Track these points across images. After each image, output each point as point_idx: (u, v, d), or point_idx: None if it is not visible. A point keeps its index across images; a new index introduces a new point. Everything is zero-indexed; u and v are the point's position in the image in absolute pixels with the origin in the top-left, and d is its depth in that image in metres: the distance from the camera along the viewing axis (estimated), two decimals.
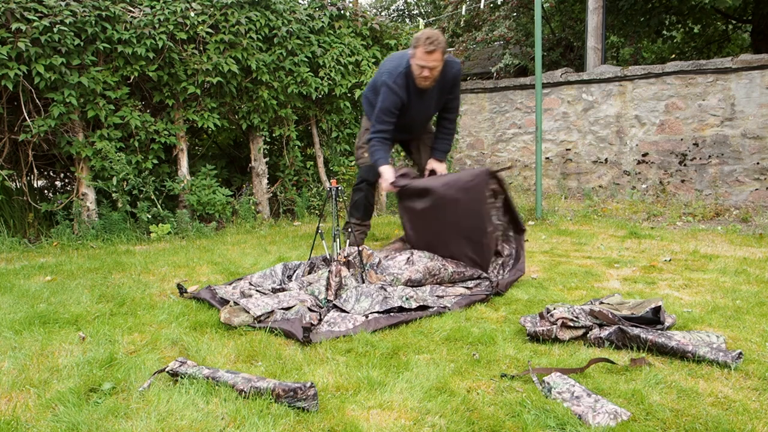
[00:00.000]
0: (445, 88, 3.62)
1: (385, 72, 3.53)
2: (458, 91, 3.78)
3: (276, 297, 2.59)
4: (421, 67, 3.36)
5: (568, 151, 8.47)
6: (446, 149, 3.85)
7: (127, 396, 1.77)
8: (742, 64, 6.83)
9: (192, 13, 4.60)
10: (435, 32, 3.33)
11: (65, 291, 2.91)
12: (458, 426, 1.62)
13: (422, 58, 3.33)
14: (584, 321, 2.29)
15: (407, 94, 3.51)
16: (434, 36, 3.31)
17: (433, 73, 3.39)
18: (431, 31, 3.34)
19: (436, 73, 3.41)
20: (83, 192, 4.42)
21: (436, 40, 3.30)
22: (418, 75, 3.41)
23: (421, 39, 3.32)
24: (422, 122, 3.85)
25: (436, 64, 3.36)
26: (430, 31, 3.35)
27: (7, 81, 3.86)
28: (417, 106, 3.61)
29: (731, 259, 3.82)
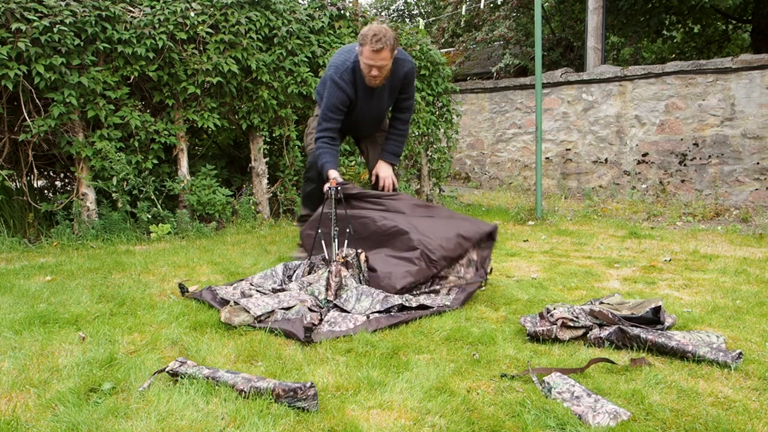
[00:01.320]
0: (395, 87, 3.44)
1: (332, 66, 3.33)
2: (412, 90, 3.56)
3: (276, 297, 2.59)
4: (369, 66, 3.18)
5: (568, 151, 8.47)
6: (396, 151, 3.62)
7: (127, 396, 1.77)
8: (742, 64, 6.83)
9: (192, 13, 4.60)
10: (382, 28, 3.12)
11: (65, 291, 2.91)
12: (458, 426, 1.62)
13: (369, 57, 3.15)
14: (584, 321, 2.30)
15: (354, 90, 3.32)
16: (381, 32, 3.09)
17: (382, 72, 3.21)
18: (378, 27, 3.13)
19: (386, 71, 3.23)
20: (83, 192, 4.42)
21: (383, 37, 3.09)
22: (367, 74, 3.23)
23: (367, 36, 3.11)
24: (372, 121, 3.65)
25: (384, 63, 3.17)
26: (377, 27, 3.14)
27: (7, 81, 3.86)
28: (365, 104, 3.43)
29: (731, 259, 3.82)
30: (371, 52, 3.12)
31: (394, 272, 2.82)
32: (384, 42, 3.08)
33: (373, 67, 3.18)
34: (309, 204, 3.75)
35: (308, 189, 3.73)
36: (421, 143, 6.92)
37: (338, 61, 3.35)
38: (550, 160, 8.66)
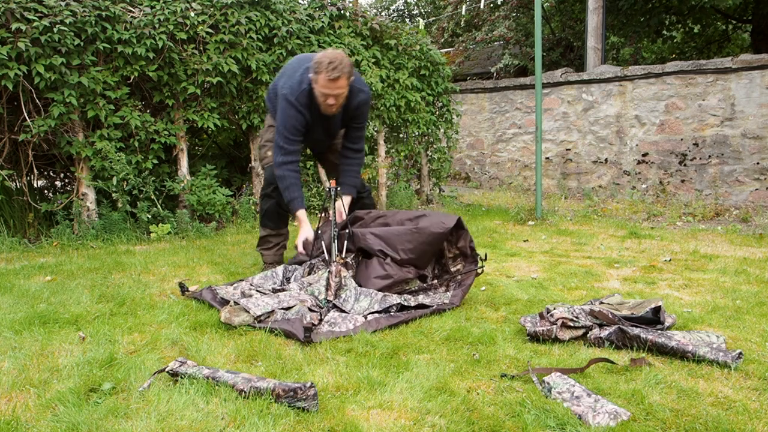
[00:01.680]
0: (348, 114, 3.29)
1: (287, 87, 3.14)
2: (364, 120, 3.39)
3: (276, 297, 2.59)
4: (325, 95, 3.02)
5: (568, 151, 8.47)
6: (355, 184, 3.42)
7: (127, 396, 1.77)
8: (742, 64, 6.83)
9: (192, 13, 4.60)
10: (338, 56, 2.96)
11: (65, 291, 2.91)
12: (458, 426, 1.62)
13: (325, 86, 2.98)
14: (584, 321, 2.30)
15: (310, 114, 3.16)
16: (337, 60, 2.93)
17: (338, 100, 3.07)
18: (334, 55, 2.97)
19: (342, 99, 3.09)
20: (83, 192, 4.42)
21: (339, 65, 2.93)
22: (323, 102, 3.07)
23: (323, 64, 2.94)
24: (328, 140, 3.50)
25: (340, 91, 3.02)
26: (332, 54, 2.97)
27: (7, 81, 3.86)
28: (320, 126, 3.29)
29: (731, 259, 3.82)
30: (327, 81, 2.95)
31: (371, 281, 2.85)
32: (340, 70, 2.93)
33: (329, 96, 3.02)
34: (269, 223, 3.45)
35: (266, 206, 3.43)
36: (421, 143, 6.93)
37: (293, 82, 3.13)
38: (550, 160, 8.66)
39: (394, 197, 6.35)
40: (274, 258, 3.45)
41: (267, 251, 3.47)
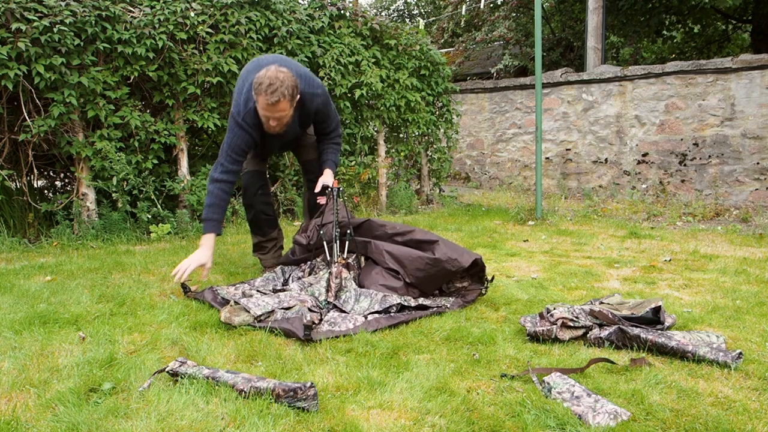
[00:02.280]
0: (306, 117, 3.11)
1: (234, 105, 2.98)
2: (330, 116, 3.20)
3: (276, 297, 2.60)
4: (266, 117, 2.83)
5: (568, 151, 8.47)
6: (336, 160, 3.28)
7: (127, 396, 1.77)
8: (742, 64, 6.83)
9: (192, 13, 4.60)
10: (279, 75, 2.71)
11: (65, 291, 2.91)
12: (458, 426, 1.62)
13: (265, 108, 2.78)
14: (584, 321, 2.30)
15: (261, 131, 2.97)
16: (277, 82, 2.69)
17: (281, 122, 2.87)
18: (274, 74, 2.71)
19: (287, 119, 2.88)
20: (83, 192, 4.42)
21: (279, 87, 2.69)
22: (265, 123, 2.88)
23: (262, 86, 2.71)
24: (290, 142, 3.32)
25: (281, 114, 2.81)
26: (273, 74, 2.71)
27: (7, 81, 3.86)
28: (275, 138, 3.10)
29: (731, 259, 3.82)
30: (267, 104, 2.74)
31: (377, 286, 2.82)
32: (280, 93, 2.70)
33: (270, 118, 2.83)
34: (257, 230, 3.36)
35: (250, 216, 3.34)
36: (421, 143, 6.92)
37: (240, 100, 2.94)
38: (550, 160, 8.66)
39: (394, 197, 6.35)
40: (273, 261, 3.37)
41: (264, 255, 3.40)
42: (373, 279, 2.85)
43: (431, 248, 2.86)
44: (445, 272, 2.78)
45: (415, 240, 2.95)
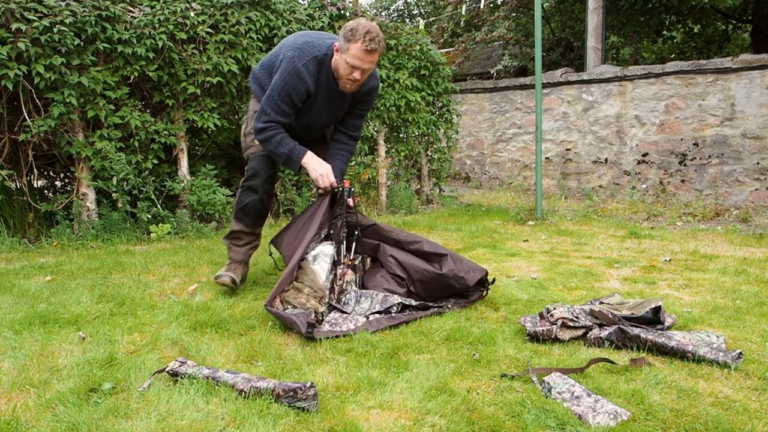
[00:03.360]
0: (356, 98, 2.96)
1: (293, 48, 2.69)
2: (368, 109, 3.08)
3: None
4: (353, 68, 2.65)
5: (568, 151, 8.47)
6: (343, 170, 3.06)
7: (127, 396, 1.77)
8: (742, 64, 6.83)
9: (192, 13, 4.60)
10: (375, 27, 2.62)
11: (65, 291, 2.91)
12: (458, 426, 1.62)
13: (359, 57, 2.61)
14: (584, 321, 2.30)
15: (316, 87, 2.75)
16: (376, 32, 2.59)
17: (363, 77, 2.72)
18: (371, 25, 2.61)
19: (366, 77, 2.75)
20: (83, 192, 4.42)
21: (378, 36, 2.59)
22: (346, 76, 2.69)
23: (358, 32, 2.57)
24: (320, 129, 3.14)
25: (371, 66, 2.69)
26: (369, 25, 2.60)
27: (7, 81, 3.86)
28: (324, 107, 2.89)
29: (731, 259, 3.82)
30: (363, 52, 2.60)
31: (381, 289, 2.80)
32: (378, 42, 2.60)
33: (357, 69, 2.66)
34: (245, 219, 3.02)
35: (248, 200, 2.97)
36: (421, 143, 6.92)
37: (302, 43, 2.70)
38: (550, 160, 8.66)
39: (394, 197, 6.35)
40: (243, 257, 3.04)
41: (237, 247, 3.04)
42: (377, 282, 2.83)
43: (439, 262, 2.81)
44: (450, 288, 2.77)
45: (423, 251, 2.90)
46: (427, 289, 2.78)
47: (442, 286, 2.77)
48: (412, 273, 2.81)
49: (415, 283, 2.79)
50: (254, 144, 2.97)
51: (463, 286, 2.74)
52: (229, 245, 3.08)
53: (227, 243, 3.08)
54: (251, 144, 3.01)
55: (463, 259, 2.84)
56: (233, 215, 3.06)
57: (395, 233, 3.00)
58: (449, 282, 2.74)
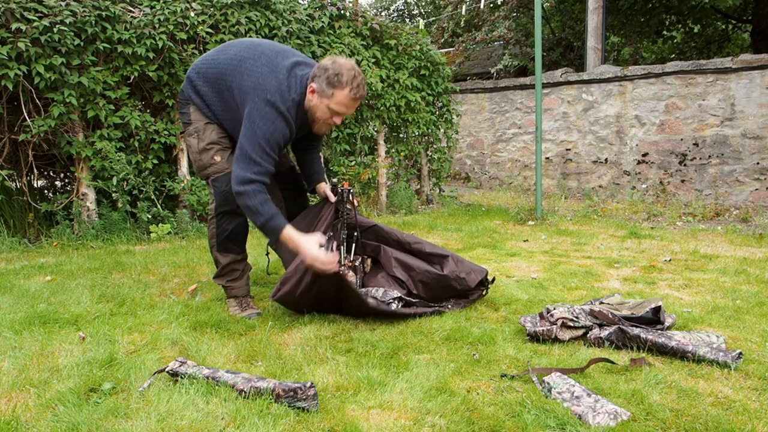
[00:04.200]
0: None
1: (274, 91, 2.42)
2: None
3: None
4: (335, 113, 2.48)
5: (568, 151, 8.47)
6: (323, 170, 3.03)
7: (127, 396, 1.77)
8: (742, 64, 6.83)
9: (192, 13, 4.60)
10: (358, 69, 2.49)
11: (65, 291, 2.91)
12: (458, 426, 1.62)
13: (345, 104, 2.45)
14: (584, 321, 2.29)
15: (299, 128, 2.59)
16: (360, 77, 2.46)
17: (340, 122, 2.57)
18: (355, 69, 2.46)
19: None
20: (83, 192, 4.42)
21: (362, 81, 2.47)
22: (324, 120, 2.51)
23: (344, 77, 2.40)
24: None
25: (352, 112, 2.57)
26: (353, 68, 2.45)
27: (7, 81, 3.86)
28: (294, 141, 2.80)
29: (731, 259, 3.82)
30: (350, 100, 2.44)
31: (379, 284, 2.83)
32: (363, 88, 2.47)
33: (340, 115, 2.50)
34: (234, 247, 2.71)
35: (232, 226, 2.66)
36: (421, 143, 6.92)
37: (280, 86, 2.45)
38: (550, 160, 8.66)
39: (394, 197, 6.35)
40: (245, 290, 2.75)
41: (236, 282, 2.72)
42: (378, 283, 2.84)
43: (440, 263, 2.82)
44: (452, 289, 2.77)
45: (424, 252, 2.89)
46: (429, 290, 2.78)
47: (444, 287, 2.77)
48: (413, 274, 2.81)
49: (417, 284, 2.79)
50: (214, 161, 2.64)
51: (464, 287, 2.75)
52: (225, 285, 2.72)
53: (222, 283, 2.73)
54: (211, 162, 2.65)
55: (463, 260, 2.84)
56: (216, 249, 2.69)
57: (396, 234, 2.99)
58: (451, 283, 2.74)
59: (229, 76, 2.53)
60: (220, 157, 2.63)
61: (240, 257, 2.74)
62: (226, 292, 2.73)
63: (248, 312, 2.63)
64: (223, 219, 2.65)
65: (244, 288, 2.72)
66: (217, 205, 2.65)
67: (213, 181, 2.65)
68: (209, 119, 2.66)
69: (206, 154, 2.64)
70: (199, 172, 2.71)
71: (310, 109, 2.51)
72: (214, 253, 2.73)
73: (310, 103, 2.49)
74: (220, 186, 2.62)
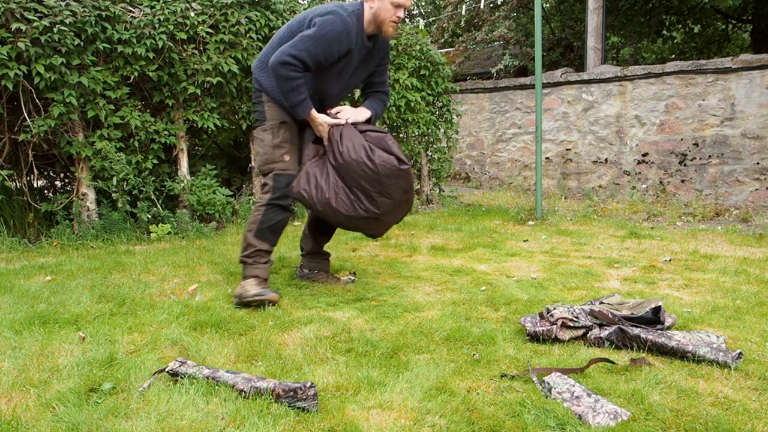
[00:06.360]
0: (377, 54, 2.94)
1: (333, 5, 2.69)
2: (388, 58, 3.08)
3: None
4: (397, 7, 2.65)
5: (568, 151, 8.47)
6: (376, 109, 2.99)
7: (127, 396, 1.77)
8: (742, 64, 6.83)
9: (192, 13, 4.60)
10: None
11: (65, 291, 2.91)
12: (458, 426, 1.62)
13: None
14: (584, 321, 2.30)
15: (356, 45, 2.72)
16: None
17: (401, 19, 2.74)
18: None
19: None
20: (83, 192, 4.42)
21: None
22: (390, 18, 2.67)
23: None
24: (336, 98, 2.99)
25: (410, 3, 2.75)
26: None
27: (7, 81, 3.86)
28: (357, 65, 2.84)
29: (731, 259, 3.82)
30: None
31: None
32: None
33: (401, 8, 2.65)
34: (271, 238, 2.87)
35: (278, 218, 2.85)
36: (421, 143, 6.92)
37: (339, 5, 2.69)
38: (550, 160, 8.66)
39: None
40: (266, 274, 2.89)
41: (263, 265, 2.86)
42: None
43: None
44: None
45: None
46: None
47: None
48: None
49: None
50: (284, 159, 2.83)
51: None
52: (253, 263, 2.84)
53: (250, 261, 2.84)
54: (280, 159, 2.83)
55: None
56: (254, 234, 2.83)
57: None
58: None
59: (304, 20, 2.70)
60: (289, 157, 2.84)
61: (270, 249, 2.90)
62: (248, 271, 2.83)
63: (265, 290, 2.73)
64: (273, 210, 2.84)
65: (265, 272, 2.87)
66: (273, 197, 2.83)
67: (276, 175, 2.84)
68: (283, 119, 2.84)
69: (278, 150, 2.84)
70: (263, 165, 2.88)
71: (374, 16, 2.67)
72: (248, 237, 2.86)
73: (372, 11, 2.66)
74: (281, 183, 2.83)
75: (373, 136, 2.80)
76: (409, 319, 2.56)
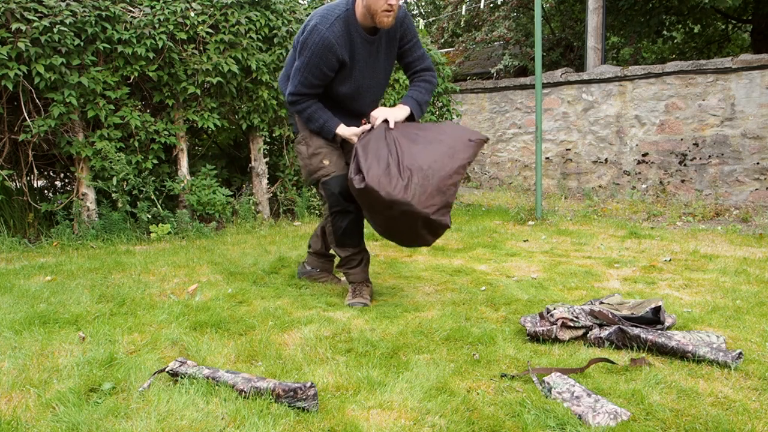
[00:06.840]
0: (392, 36, 2.78)
1: (315, 16, 2.62)
2: (415, 35, 2.85)
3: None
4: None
5: (568, 151, 8.47)
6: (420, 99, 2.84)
7: (127, 396, 1.77)
8: (742, 64, 6.83)
9: (192, 13, 4.60)
10: None
11: (65, 291, 2.91)
12: (458, 426, 1.62)
13: None
14: (584, 321, 2.30)
15: (350, 48, 2.64)
16: None
17: (396, 6, 2.58)
18: None
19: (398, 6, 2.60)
20: (83, 192, 4.43)
21: None
22: (381, 9, 2.54)
23: None
24: (376, 89, 2.89)
25: None
26: None
27: (7, 81, 3.86)
28: (365, 63, 2.74)
29: (731, 259, 3.82)
30: None
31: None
32: None
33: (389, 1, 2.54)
34: (349, 242, 2.88)
35: (345, 223, 2.83)
36: None
37: (322, 10, 2.63)
38: (550, 160, 8.66)
39: None
40: (363, 276, 2.92)
41: (354, 269, 2.91)
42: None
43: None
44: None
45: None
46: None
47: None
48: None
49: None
50: (323, 165, 2.80)
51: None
52: (345, 271, 2.95)
53: (344, 270, 2.95)
54: (320, 166, 2.80)
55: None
56: (335, 245, 2.91)
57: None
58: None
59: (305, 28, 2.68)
60: (328, 160, 2.80)
61: (357, 249, 2.92)
62: (347, 278, 2.96)
63: (356, 300, 2.80)
64: (337, 218, 2.85)
65: (359, 275, 2.91)
66: (330, 206, 2.84)
67: (323, 185, 2.82)
68: None
69: (315, 158, 2.82)
70: (308, 177, 2.90)
71: (367, 8, 2.59)
72: (334, 249, 2.96)
73: (363, 3, 2.59)
74: (330, 188, 2.79)
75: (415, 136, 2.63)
76: (409, 319, 2.56)
